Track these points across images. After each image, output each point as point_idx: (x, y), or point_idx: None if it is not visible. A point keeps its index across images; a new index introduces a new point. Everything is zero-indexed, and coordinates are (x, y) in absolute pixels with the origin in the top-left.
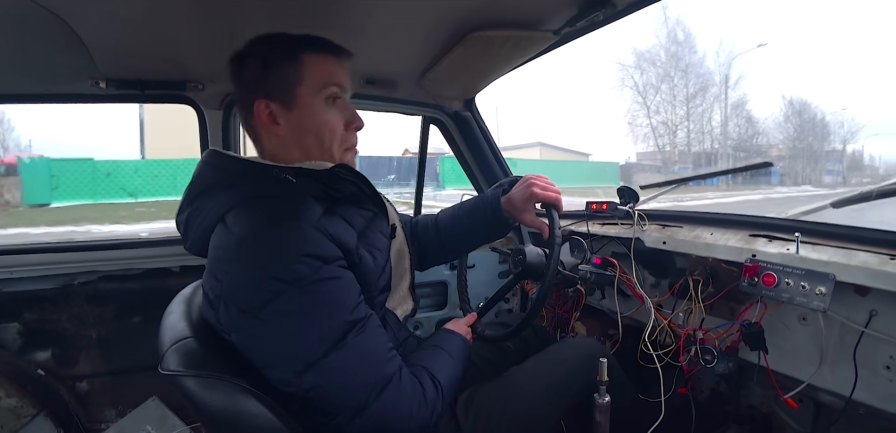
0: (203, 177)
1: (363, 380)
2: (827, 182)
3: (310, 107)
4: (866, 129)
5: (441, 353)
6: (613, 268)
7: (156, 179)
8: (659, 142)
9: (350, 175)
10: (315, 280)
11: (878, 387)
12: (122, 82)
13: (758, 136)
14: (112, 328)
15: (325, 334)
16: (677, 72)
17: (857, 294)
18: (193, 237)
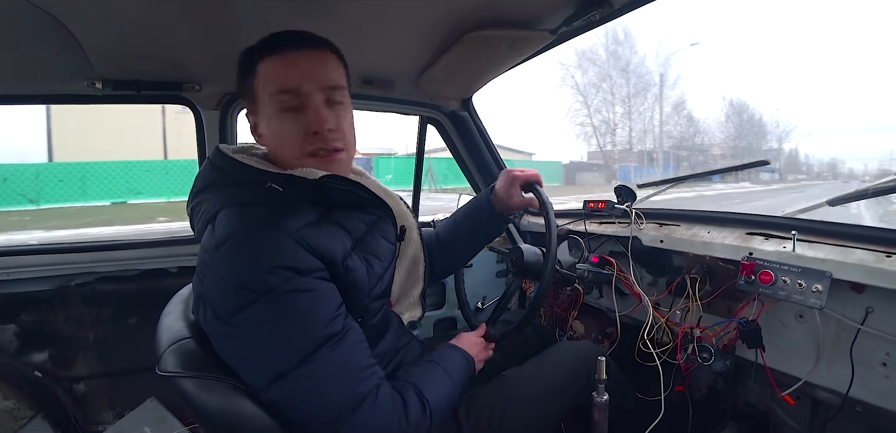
0: (205, 174)
1: (336, 398)
2: (764, 179)
3: (268, 116)
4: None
5: (436, 370)
6: (611, 267)
7: (62, 184)
8: (600, 140)
9: (342, 184)
10: (286, 291)
11: (875, 384)
12: (118, 83)
13: (698, 135)
14: (109, 329)
15: (295, 347)
16: (617, 71)
17: (854, 291)
18: (198, 229)
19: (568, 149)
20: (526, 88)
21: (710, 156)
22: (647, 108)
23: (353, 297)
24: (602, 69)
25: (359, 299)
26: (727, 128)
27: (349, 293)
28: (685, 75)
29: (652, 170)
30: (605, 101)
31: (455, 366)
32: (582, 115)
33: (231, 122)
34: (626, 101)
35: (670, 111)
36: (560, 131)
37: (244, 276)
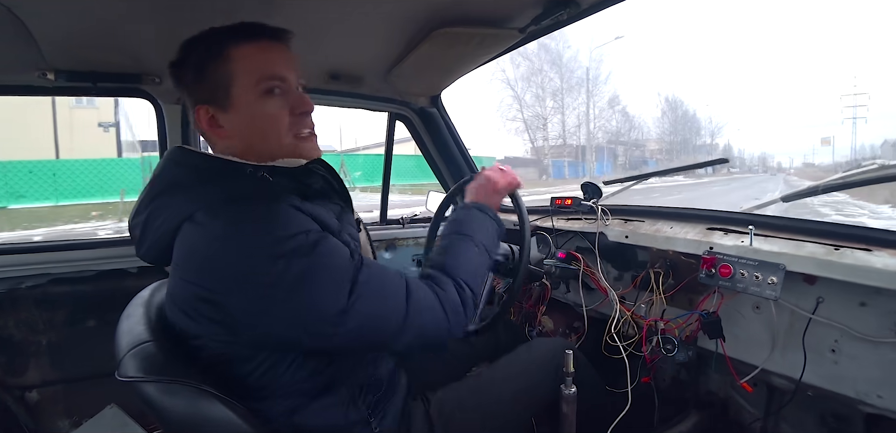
0: (165, 175)
1: (390, 304)
2: (698, 172)
3: (247, 105)
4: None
5: (456, 243)
6: (578, 263)
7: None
8: (531, 135)
9: (322, 169)
10: (310, 244)
11: (825, 370)
12: (72, 74)
13: (633, 131)
14: (64, 333)
15: (340, 283)
16: (549, 65)
17: (806, 282)
18: (152, 240)
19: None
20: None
21: (647, 150)
22: (581, 102)
23: None
24: (533, 63)
25: None
26: (663, 123)
27: None
28: (617, 71)
29: (585, 165)
30: (537, 96)
31: (476, 228)
32: (513, 109)
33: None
34: (559, 95)
35: (605, 106)
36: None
37: (270, 248)
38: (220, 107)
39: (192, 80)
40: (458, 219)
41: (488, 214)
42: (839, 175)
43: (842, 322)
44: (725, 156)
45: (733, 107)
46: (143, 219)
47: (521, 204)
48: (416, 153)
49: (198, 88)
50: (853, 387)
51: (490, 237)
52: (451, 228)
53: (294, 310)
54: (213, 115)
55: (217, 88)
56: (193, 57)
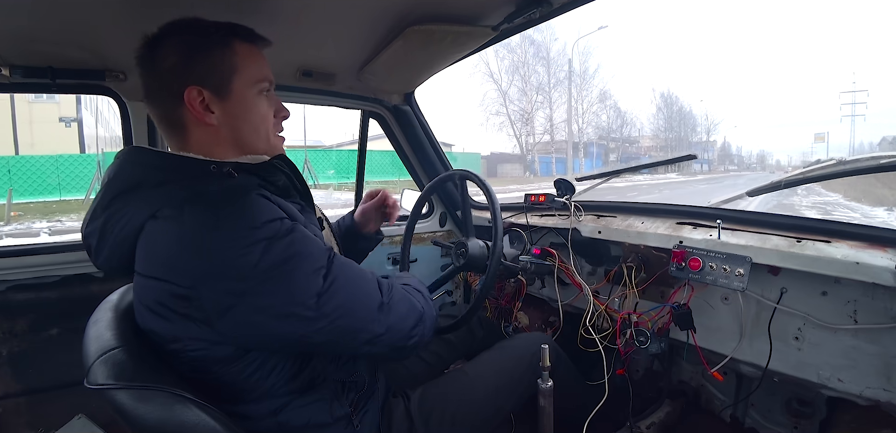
0: (123, 175)
1: (365, 288)
2: (694, 170)
3: (245, 99)
4: (726, 122)
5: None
6: (552, 258)
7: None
8: (516, 130)
9: (285, 166)
10: (285, 231)
11: (790, 357)
12: (29, 70)
13: (626, 127)
14: (26, 342)
15: (318, 267)
16: (537, 59)
17: (771, 274)
18: (112, 246)
19: (490, 140)
20: (445, 77)
21: (642, 147)
22: (569, 97)
23: None
24: (519, 56)
25: None
26: (658, 119)
27: None
28: (607, 64)
29: (575, 162)
30: (522, 90)
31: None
32: (497, 104)
33: None
34: (545, 89)
35: (595, 101)
36: (483, 122)
37: (244, 235)
38: (215, 93)
39: (181, 58)
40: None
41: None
42: (799, 170)
43: (804, 311)
44: (723, 153)
45: (730, 103)
46: (100, 224)
47: (494, 200)
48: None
49: (189, 68)
50: (816, 372)
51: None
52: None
53: (270, 298)
54: (205, 99)
55: (216, 74)
56: (186, 36)
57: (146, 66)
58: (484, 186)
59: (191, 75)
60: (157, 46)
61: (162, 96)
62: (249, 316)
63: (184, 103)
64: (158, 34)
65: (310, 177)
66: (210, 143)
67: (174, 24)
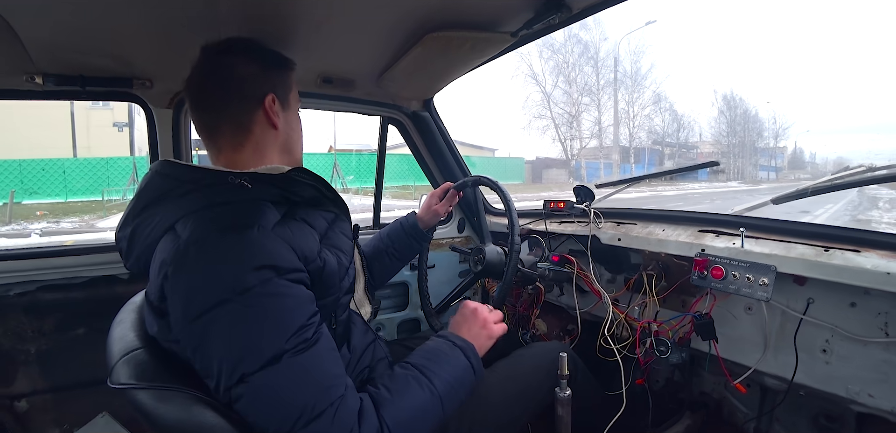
0: (152, 187)
1: (294, 405)
2: (759, 177)
3: (294, 113)
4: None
5: (410, 384)
6: (571, 265)
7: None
8: (560, 134)
9: (308, 178)
10: (262, 293)
11: (817, 370)
12: (60, 78)
13: (682, 131)
14: (54, 341)
15: (262, 350)
16: (584, 59)
17: (796, 283)
18: (138, 252)
19: (534, 144)
20: (488, 81)
21: (701, 153)
22: (620, 99)
23: (329, 289)
24: (563, 57)
25: (333, 292)
26: (720, 123)
27: (326, 285)
28: (659, 63)
29: (626, 167)
30: (566, 92)
31: (446, 373)
32: (541, 106)
33: (185, 121)
34: (594, 91)
35: (648, 103)
36: (526, 126)
37: (220, 276)
38: (282, 103)
39: (262, 69)
40: (436, 352)
41: (472, 364)
42: (826, 178)
43: (832, 322)
44: (794, 159)
45: (802, 105)
46: (130, 231)
47: (511, 205)
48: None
49: (266, 79)
50: (844, 386)
51: (457, 394)
52: (420, 358)
53: (206, 346)
54: (276, 107)
55: (284, 87)
56: (256, 51)
57: (217, 73)
58: (500, 191)
59: (268, 84)
60: (231, 55)
61: (236, 99)
62: (191, 353)
63: (262, 107)
64: (224, 47)
65: (338, 181)
66: (267, 146)
67: (243, 41)
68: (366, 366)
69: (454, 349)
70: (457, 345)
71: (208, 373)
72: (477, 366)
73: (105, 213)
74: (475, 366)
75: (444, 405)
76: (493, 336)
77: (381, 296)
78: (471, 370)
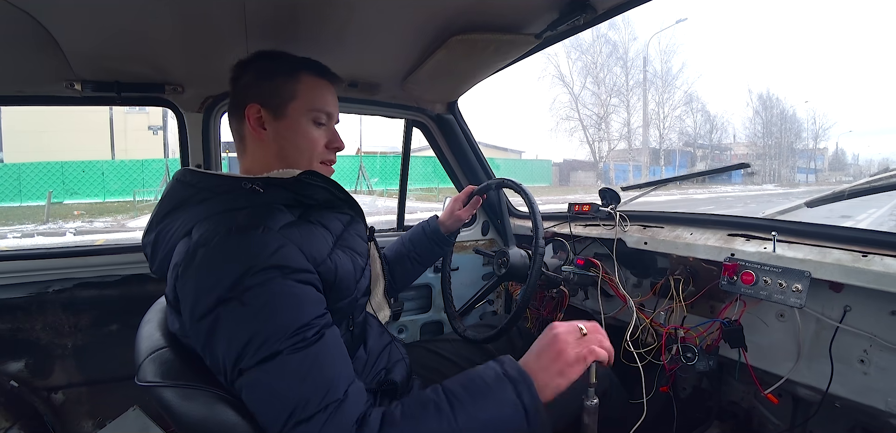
0: (174, 194)
1: (284, 403)
2: (796, 180)
3: (296, 122)
4: (837, 127)
5: (432, 409)
6: (596, 269)
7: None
8: (588, 135)
9: (320, 181)
10: (262, 292)
11: (854, 381)
12: (98, 84)
13: (715, 132)
14: (89, 337)
15: (260, 345)
16: (613, 59)
17: (832, 290)
18: (161, 256)
19: (562, 147)
20: (515, 82)
21: (734, 155)
22: (650, 99)
23: (345, 291)
24: (591, 57)
25: (350, 294)
26: (755, 124)
27: (341, 287)
28: (691, 63)
29: (656, 170)
30: (595, 93)
31: (489, 413)
32: (568, 108)
33: (214, 125)
34: (623, 92)
35: (679, 104)
36: (553, 127)
37: (223, 275)
38: (272, 112)
39: (252, 80)
40: (477, 377)
41: (522, 400)
42: (866, 179)
43: (871, 331)
44: (835, 161)
45: (844, 105)
46: (154, 237)
47: (535, 208)
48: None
49: (256, 88)
50: (884, 399)
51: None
52: (457, 385)
53: (209, 340)
54: (261, 116)
55: (276, 97)
56: (262, 63)
57: (231, 83)
58: (524, 194)
59: (255, 94)
60: (244, 67)
61: (232, 111)
62: (200, 348)
63: (244, 117)
64: (248, 59)
65: (364, 183)
66: (263, 157)
67: (261, 54)
68: (382, 367)
69: (501, 381)
70: (508, 374)
71: (216, 368)
72: (530, 406)
73: (136, 214)
74: (527, 407)
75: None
76: (569, 377)
77: (404, 298)
78: (521, 410)
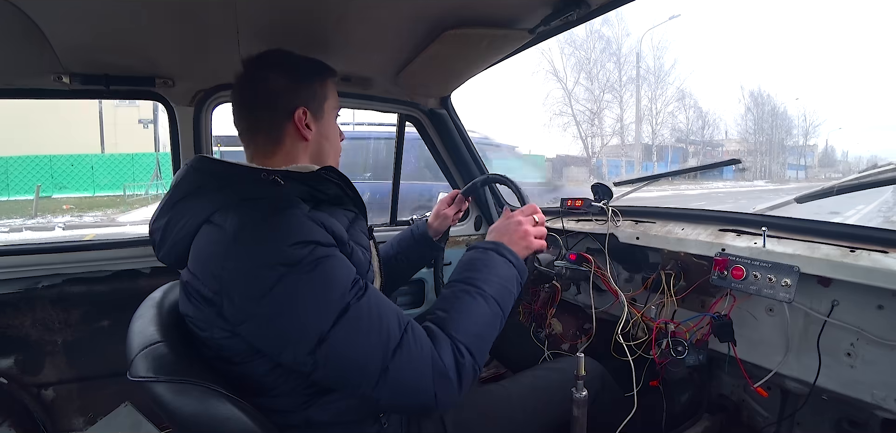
0: (188, 181)
1: (374, 343)
2: (787, 176)
3: (330, 120)
4: (828, 124)
5: (464, 298)
6: (588, 264)
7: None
8: (581, 131)
9: (334, 177)
10: (312, 261)
11: (841, 374)
12: (86, 77)
13: (707, 128)
14: (79, 333)
15: (330, 308)
16: (606, 55)
17: (821, 285)
18: (172, 242)
19: (555, 142)
20: (509, 77)
21: (726, 151)
22: (643, 95)
23: None
24: (584, 53)
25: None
26: (747, 120)
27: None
28: (683, 59)
29: (648, 165)
30: (588, 89)
31: (490, 278)
32: (561, 103)
33: (206, 118)
34: (616, 88)
35: (672, 100)
36: (546, 123)
37: (271, 255)
38: (314, 114)
39: (291, 83)
40: (471, 262)
41: (509, 259)
42: (854, 175)
43: (858, 325)
44: (825, 158)
45: (833, 102)
46: (165, 222)
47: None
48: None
49: (295, 92)
50: (869, 391)
51: (506, 289)
52: (461, 274)
53: (277, 325)
54: (307, 119)
55: (316, 99)
56: (291, 65)
57: (254, 85)
58: (516, 189)
59: (298, 97)
60: (265, 69)
61: (268, 110)
62: (259, 333)
63: (292, 120)
64: (259, 60)
65: None
66: (298, 156)
67: (277, 54)
68: None
69: (487, 253)
70: (489, 248)
71: (282, 348)
72: (516, 261)
73: (126, 208)
74: (513, 261)
75: (501, 306)
76: (531, 248)
77: (397, 294)
78: (510, 265)
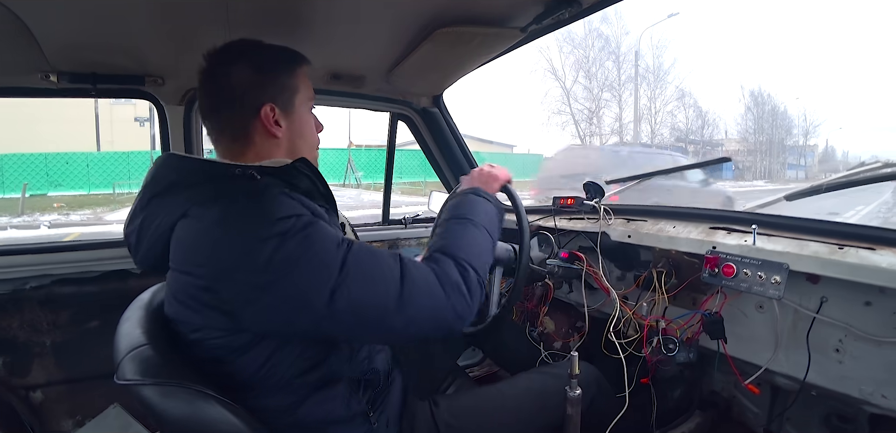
0: (160, 178)
1: (380, 286)
2: (787, 176)
3: (301, 114)
4: (828, 123)
5: (455, 224)
6: (580, 262)
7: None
8: (579, 130)
9: (307, 170)
10: (302, 226)
11: (830, 369)
12: (74, 76)
13: (707, 128)
14: (68, 334)
15: (332, 260)
16: (605, 54)
17: (809, 282)
18: (149, 243)
19: (554, 141)
20: (507, 75)
21: (726, 151)
22: (642, 94)
23: None
24: (583, 52)
25: None
26: (747, 120)
27: None
28: (683, 58)
29: None
30: (586, 88)
31: (475, 210)
32: (559, 102)
33: (196, 117)
34: (615, 87)
35: (671, 100)
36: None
37: (261, 230)
38: (283, 109)
39: (255, 77)
40: (455, 204)
41: (485, 197)
42: (842, 174)
43: (846, 321)
44: (825, 158)
45: (834, 102)
46: (139, 223)
47: (517, 201)
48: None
49: (261, 87)
50: (857, 387)
51: (490, 218)
52: (448, 214)
53: (285, 292)
54: (276, 115)
55: (284, 92)
56: (256, 58)
57: (216, 81)
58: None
59: (265, 93)
60: (227, 63)
61: (233, 108)
62: (267, 309)
63: (258, 117)
64: (222, 55)
65: (352, 176)
66: (271, 152)
67: (242, 45)
68: (364, 357)
69: (466, 195)
70: (467, 191)
71: (296, 312)
72: (491, 198)
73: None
74: (489, 199)
75: (491, 234)
76: (499, 179)
77: None
78: (488, 202)
